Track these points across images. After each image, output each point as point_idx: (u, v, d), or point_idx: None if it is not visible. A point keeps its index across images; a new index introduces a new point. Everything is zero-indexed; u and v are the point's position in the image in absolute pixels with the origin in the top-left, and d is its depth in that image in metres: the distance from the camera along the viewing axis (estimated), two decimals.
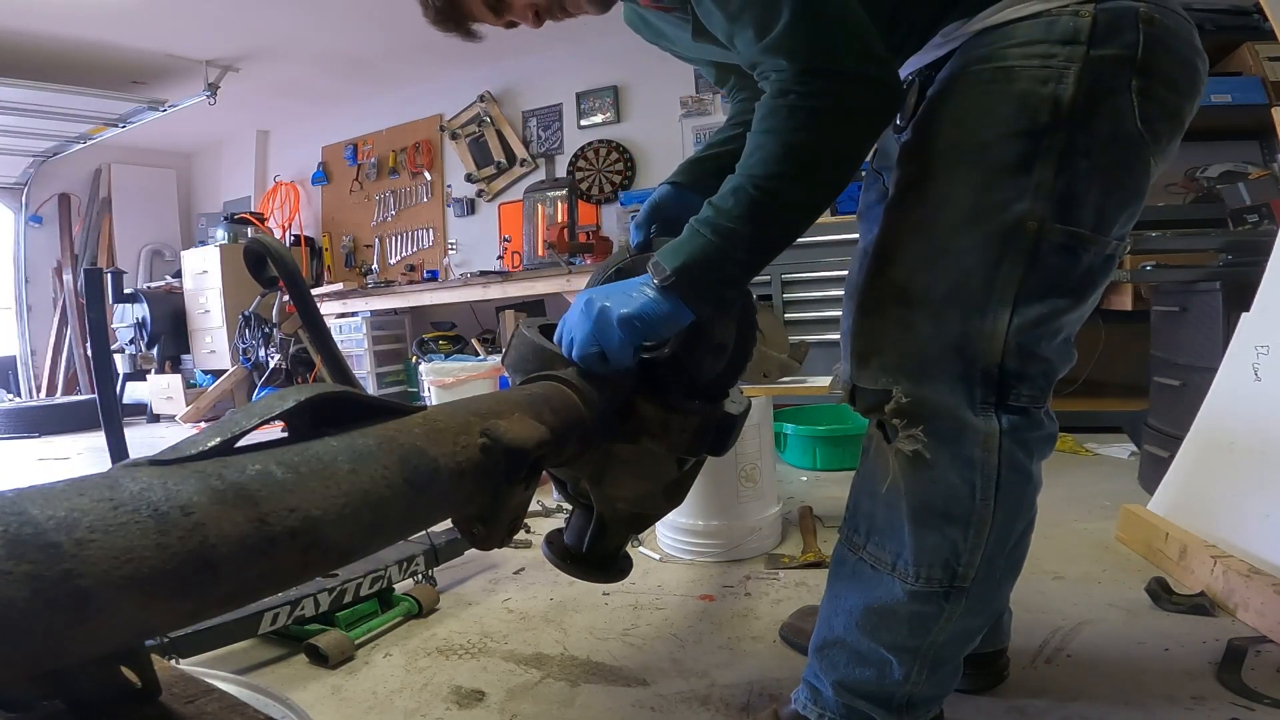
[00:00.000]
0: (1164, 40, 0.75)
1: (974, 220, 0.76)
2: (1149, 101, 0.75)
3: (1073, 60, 0.73)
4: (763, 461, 1.76)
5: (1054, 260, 0.76)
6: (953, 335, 0.77)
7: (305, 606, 1.31)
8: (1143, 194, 0.79)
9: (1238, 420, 1.49)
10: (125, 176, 5.88)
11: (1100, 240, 0.77)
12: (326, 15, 3.89)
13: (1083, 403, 2.97)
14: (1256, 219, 2.31)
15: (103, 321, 2.56)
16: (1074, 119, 0.74)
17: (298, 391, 0.53)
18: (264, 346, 4.49)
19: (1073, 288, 0.78)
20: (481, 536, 0.65)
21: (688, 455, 0.85)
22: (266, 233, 5.18)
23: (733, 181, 0.75)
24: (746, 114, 1.03)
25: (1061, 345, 0.82)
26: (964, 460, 0.78)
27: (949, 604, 0.81)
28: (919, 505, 0.80)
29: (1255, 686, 1.04)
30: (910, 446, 0.78)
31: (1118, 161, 0.76)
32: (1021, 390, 0.79)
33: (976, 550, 0.79)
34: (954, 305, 0.77)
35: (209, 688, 0.54)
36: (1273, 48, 2.75)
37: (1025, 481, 0.81)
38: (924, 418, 0.78)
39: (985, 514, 0.78)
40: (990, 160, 0.76)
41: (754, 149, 0.74)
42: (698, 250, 0.75)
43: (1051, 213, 0.75)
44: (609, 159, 4.54)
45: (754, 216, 0.73)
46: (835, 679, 0.89)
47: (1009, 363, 0.77)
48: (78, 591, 0.34)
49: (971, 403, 0.78)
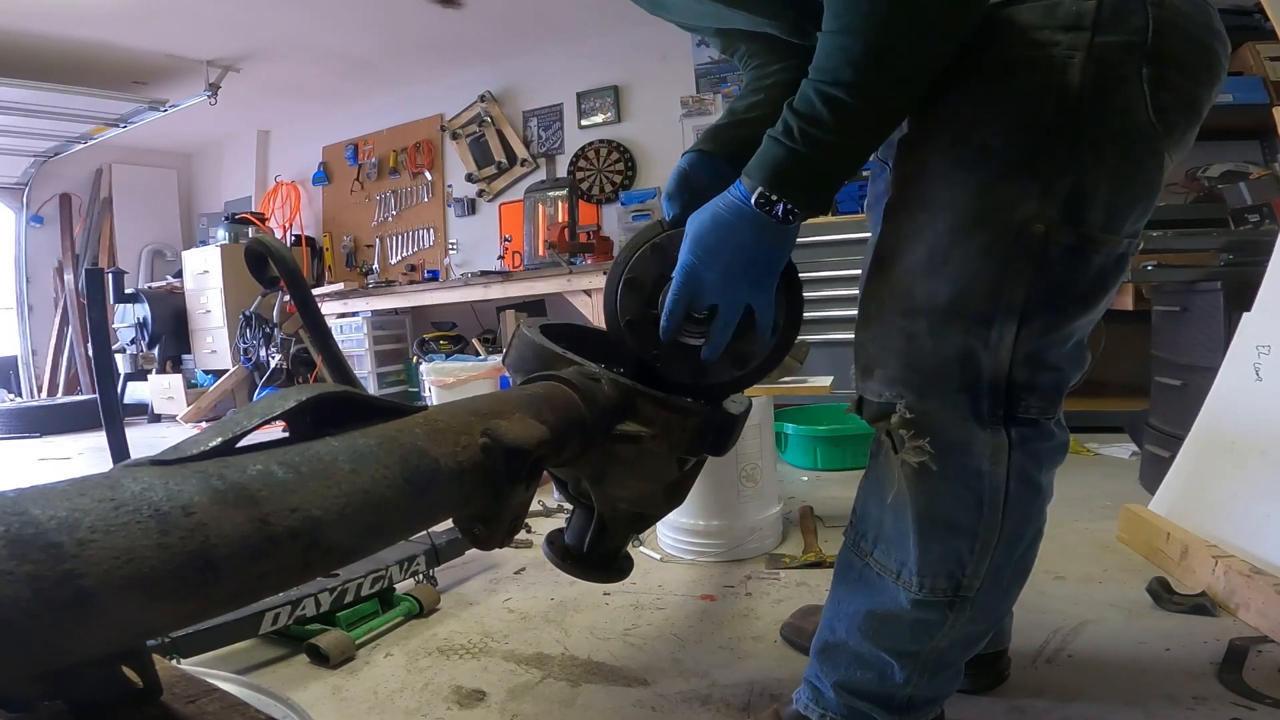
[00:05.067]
0: (1176, 24, 0.69)
1: (976, 225, 0.72)
2: (1162, 90, 0.69)
3: (1076, 48, 0.68)
4: (763, 461, 1.76)
5: (1063, 264, 0.72)
6: (956, 347, 0.74)
7: (306, 606, 1.31)
8: (1156, 189, 0.74)
9: (1239, 420, 1.49)
10: (126, 176, 5.89)
11: (1112, 240, 0.73)
12: (327, 15, 3.89)
13: (1084, 402, 2.96)
14: (1257, 219, 2.31)
15: (104, 321, 2.56)
16: (1081, 112, 0.69)
17: (299, 391, 0.53)
18: (265, 346, 4.49)
19: (1084, 291, 0.74)
20: (482, 536, 0.65)
21: (688, 455, 0.85)
22: (267, 233, 5.18)
23: (819, 89, 0.68)
24: (764, 80, 1.00)
25: (1073, 350, 0.79)
26: (971, 473, 0.76)
27: (953, 613, 0.80)
28: (924, 516, 0.78)
29: (1256, 687, 1.04)
30: (916, 458, 0.76)
31: (1129, 155, 0.71)
32: (1031, 402, 0.76)
33: (983, 561, 0.78)
34: (957, 315, 0.73)
35: (210, 688, 0.54)
36: (1273, 47, 2.74)
37: (1034, 494, 0.80)
38: (930, 429, 0.76)
39: (992, 526, 0.77)
40: (991, 159, 0.72)
41: (834, 49, 0.68)
42: (803, 165, 0.70)
43: (1060, 214, 0.70)
44: (609, 159, 4.54)
45: (851, 125, 0.68)
46: (837, 680, 0.88)
47: (1017, 374, 0.74)
48: (79, 592, 0.34)
49: (978, 415, 0.75)
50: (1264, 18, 2.05)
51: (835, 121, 0.68)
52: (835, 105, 0.67)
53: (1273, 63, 2.79)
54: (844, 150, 0.70)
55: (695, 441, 0.82)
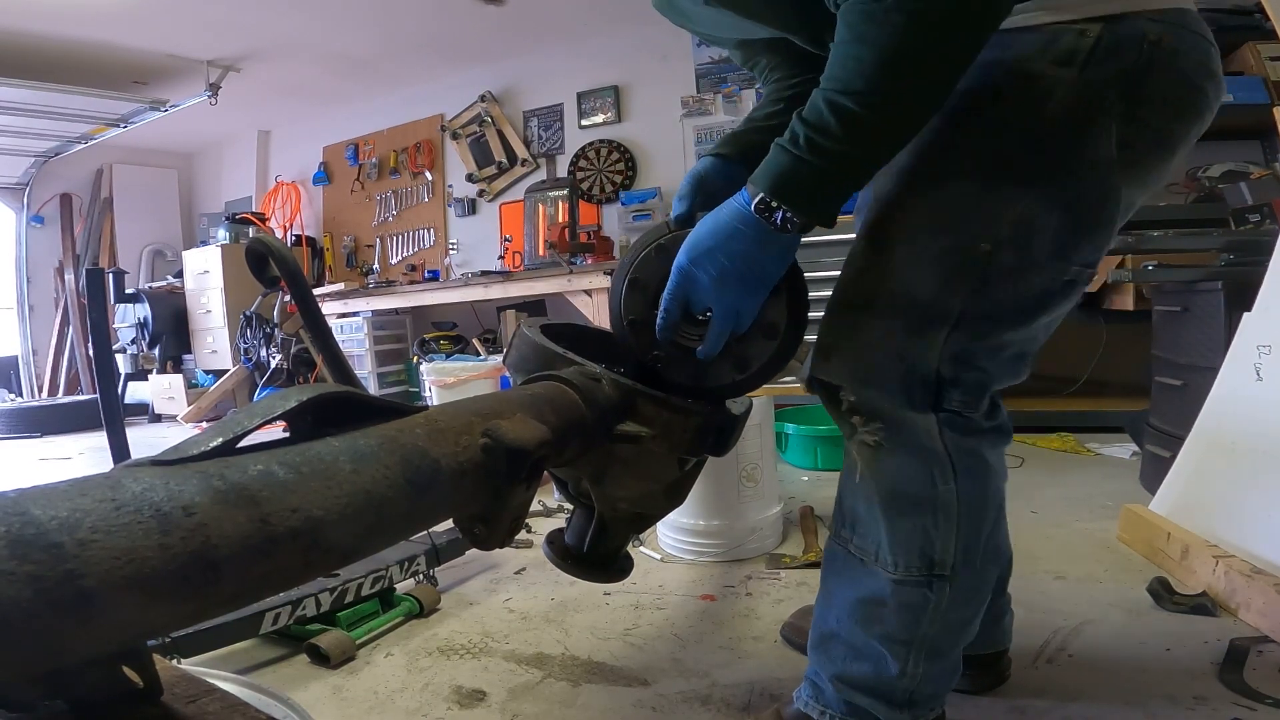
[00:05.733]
0: (1169, 63, 0.73)
1: (931, 239, 0.78)
2: (1132, 126, 0.74)
3: (1060, 83, 0.72)
4: (764, 461, 1.76)
5: (1004, 284, 0.77)
6: (898, 344, 0.80)
7: (306, 606, 1.31)
8: (1110, 222, 0.79)
9: (1239, 420, 1.49)
10: (126, 176, 5.89)
11: (1057, 267, 0.78)
12: (327, 15, 3.90)
13: (1084, 402, 2.97)
14: (1258, 218, 2.30)
15: (104, 321, 2.56)
16: (1045, 145, 0.74)
17: (299, 392, 0.53)
18: (265, 346, 4.50)
19: (1021, 309, 0.79)
20: (483, 536, 0.65)
21: (689, 455, 0.85)
22: (268, 232, 5.18)
23: (827, 98, 0.69)
24: (784, 92, 1.03)
25: (1010, 361, 0.84)
26: (917, 448, 0.81)
27: (934, 593, 0.82)
28: (887, 493, 0.83)
29: (1257, 686, 1.04)
30: (871, 438, 0.82)
31: (1083, 189, 0.75)
32: (954, 395, 0.81)
33: (950, 537, 0.81)
34: (902, 316, 0.79)
35: (210, 688, 0.54)
36: (1274, 47, 2.74)
37: (982, 467, 0.84)
38: (876, 414, 0.81)
39: (949, 499, 0.81)
40: (956, 183, 0.77)
41: (846, 59, 0.68)
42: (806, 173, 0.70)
43: (1007, 237, 0.75)
44: (610, 159, 4.54)
45: (859, 135, 0.69)
46: (833, 673, 0.89)
47: (944, 369, 0.80)
48: (80, 592, 0.34)
49: (911, 403, 0.81)
50: (1264, 18, 2.05)
51: (842, 130, 0.68)
52: (843, 114, 0.68)
53: (1273, 63, 2.79)
54: (850, 160, 0.70)
55: (696, 442, 0.82)
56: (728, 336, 0.81)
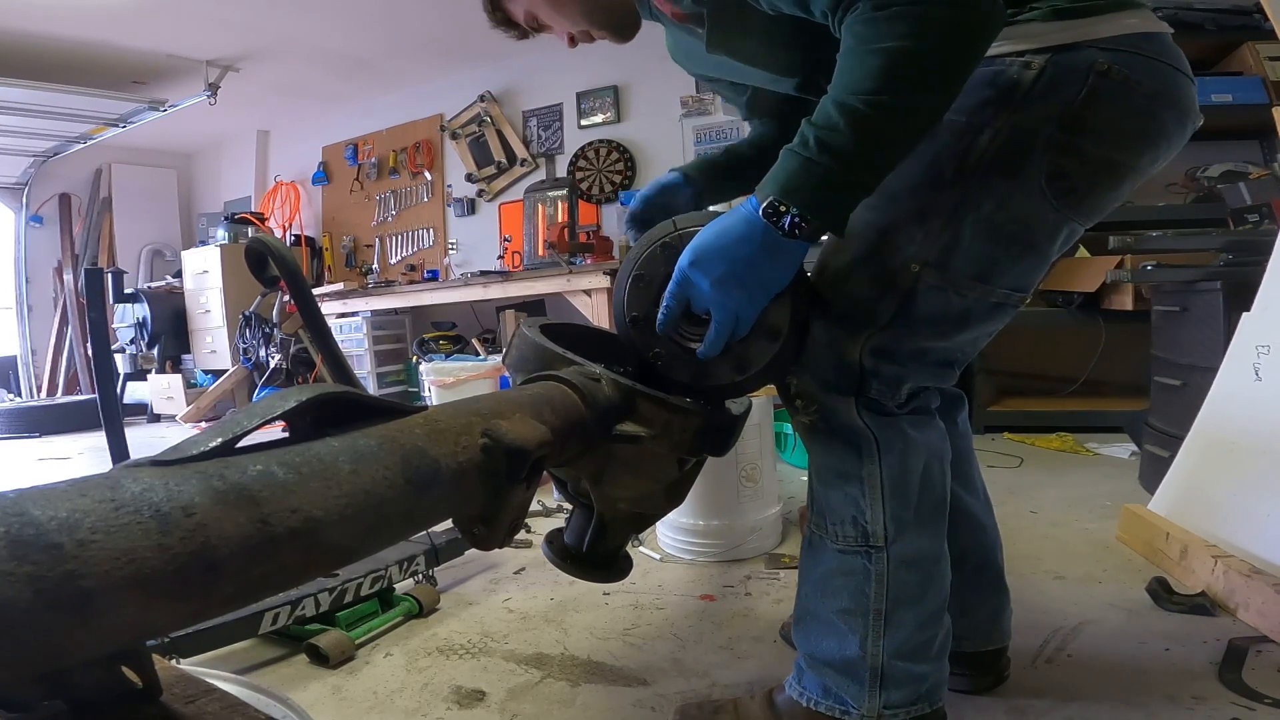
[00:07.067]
0: (1116, 92, 0.75)
1: (870, 258, 0.84)
2: (1066, 157, 0.77)
3: (996, 117, 0.77)
4: (763, 461, 1.76)
5: (928, 300, 0.83)
6: (836, 342, 0.86)
7: (306, 606, 1.31)
8: (1041, 249, 0.84)
9: (1238, 420, 1.49)
10: (126, 176, 5.89)
11: (981, 289, 0.83)
12: (327, 15, 3.89)
13: (1083, 402, 2.97)
14: (1257, 218, 2.31)
15: (103, 321, 2.56)
16: (974, 175, 0.78)
17: (299, 392, 0.53)
18: (265, 346, 4.49)
19: (943, 325, 0.85)
20: (482, 536, 0.65)
21: (688, 456, 0.85)
22: (267, 232, 5.18)
23: (836, 100, 0.70)
24: (767, 139, 1.15)
25: (933, 365, 0.89)
26: (845, 426, 0.87)
27: (872, 564, 0.87)
28: (822, 467, 0.91)
29: (1256, 686, 1.04)
30: (807, 418, 0.90)
31: (1013, 217, 0.80)
32: (873, 385, 0.86)
33: (877, 506, 0.87)
34: (841, 321, 0.86)
35: (210, 688, 0.54)
36: (1273, 47, 2.75)
37: (904, 441, 0.88)
38: (814, 399, 0.89)
39: (873, 472, 0.86)
40: (896, 208, 0.82)
41: (853, 65, 0.70)
42: (817, 174, 0.71)
43: (934, 258, 0.81)
44: (609, 159, 4.54)
45: (867, 134, 0.69)
46: (807, 651, 0.94)
47: (865, 361, 0.86)
48: (80, 592, 0.34)
49: (836, 388, 0.87)
50: (1264, 18, 2.05)
51: (851, 130, 0.69)
52: (852, 114, 0.69)
53: (1272, 63, 2.79)
54: (859, 160, 0.71)
55: (696, 442, 0.82)
56: (727, 338, 0.81)
